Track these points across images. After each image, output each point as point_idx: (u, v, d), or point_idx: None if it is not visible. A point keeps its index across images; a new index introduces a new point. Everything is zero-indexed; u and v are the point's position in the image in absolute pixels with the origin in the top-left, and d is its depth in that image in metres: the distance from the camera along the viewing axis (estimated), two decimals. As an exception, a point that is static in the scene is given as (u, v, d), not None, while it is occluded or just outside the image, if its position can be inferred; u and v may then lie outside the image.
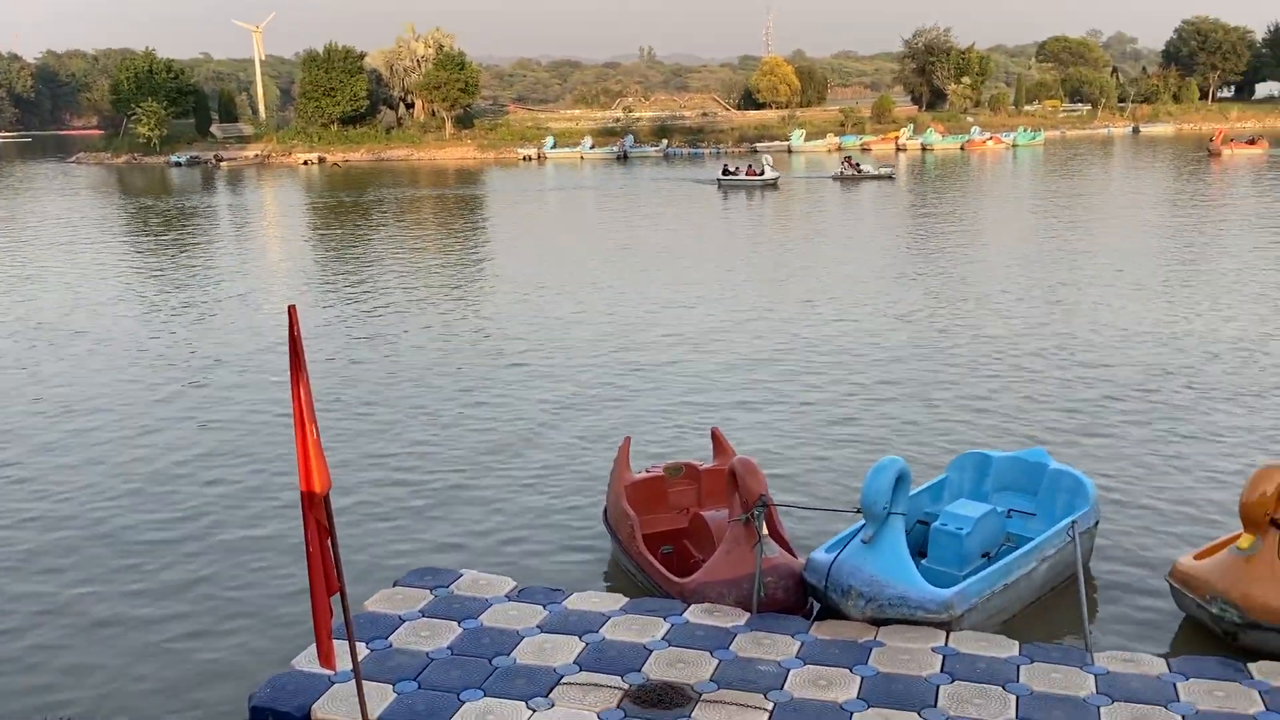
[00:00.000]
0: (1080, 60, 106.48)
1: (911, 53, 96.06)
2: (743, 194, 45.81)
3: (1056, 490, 9.33)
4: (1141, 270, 23.95)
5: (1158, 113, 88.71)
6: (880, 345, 17.48)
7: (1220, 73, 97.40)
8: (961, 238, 30.51)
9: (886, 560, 7.70)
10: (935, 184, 49.08)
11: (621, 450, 9.69)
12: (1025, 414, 13.63)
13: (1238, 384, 14.62)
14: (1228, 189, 42.14)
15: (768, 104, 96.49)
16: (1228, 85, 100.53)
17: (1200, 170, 49.57)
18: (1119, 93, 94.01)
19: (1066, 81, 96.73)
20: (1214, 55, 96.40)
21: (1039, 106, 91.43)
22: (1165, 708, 6.56)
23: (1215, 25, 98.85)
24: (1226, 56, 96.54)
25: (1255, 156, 54.83)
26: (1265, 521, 7.34)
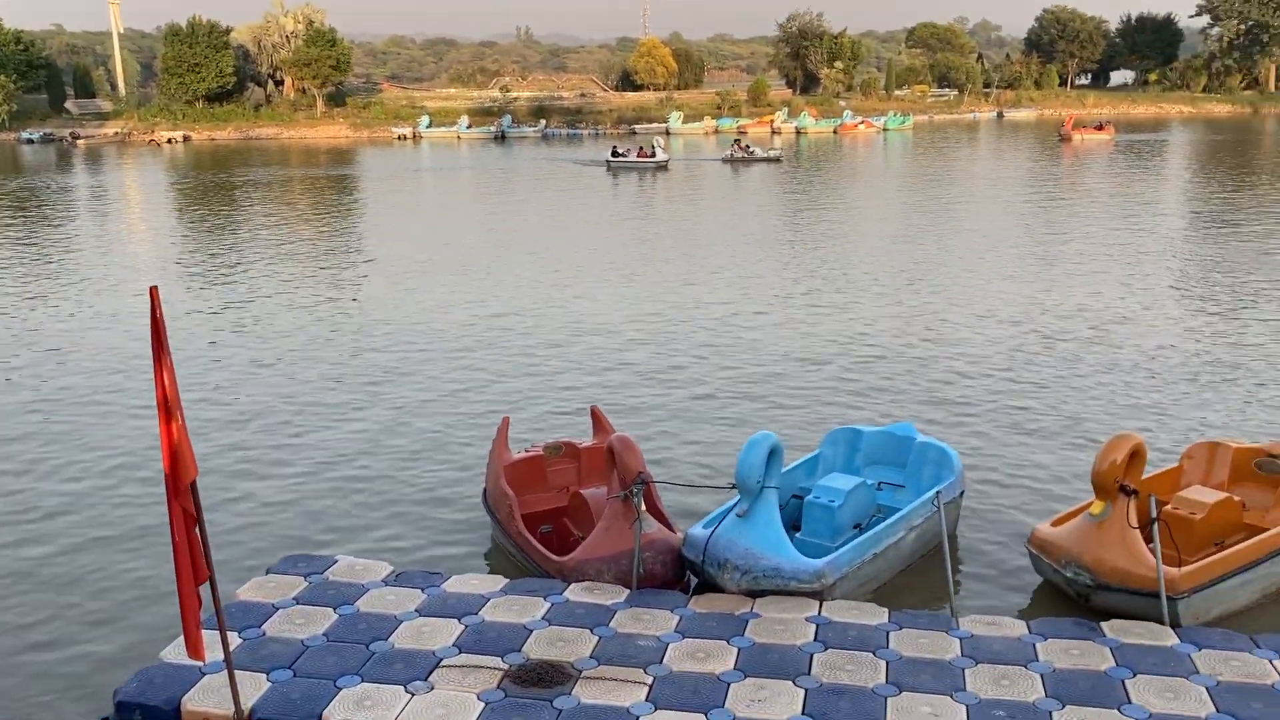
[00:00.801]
0: (948, 47, 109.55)
1: (786, 37, 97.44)
2: (634, 176, 45.69)
3: (924, 463, 9.66)
4: (1003, 250, 24.84)
5: (1020, 98, 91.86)
6: (756, 325, 17.76)
7: (1078, 60, 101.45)
8: (838, 219, 31.16)
9: (760, 533, 7.86)
10: (818, 167, 49.93)
11: (500, 430, 9.66)
12: (895, 390, 14.03)
13: (1094, 359, 15.31)
14: (1080, 172, 43.95)
15: (646, 86, 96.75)
16: (1085, 73, 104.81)
17: (1054, 155, 51.62)
18: (984, 79, 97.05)
19: (935, 67, 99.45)
20: (1072, 44, 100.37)
21: (909, 91, 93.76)
22: (1025, 667, 6.86)
23: (1073, 15, 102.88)
24: (1084, 45, 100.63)
25: (1103, 141, 57.38)
26: (1115, 489, 7.72)
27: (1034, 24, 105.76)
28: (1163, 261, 23.05)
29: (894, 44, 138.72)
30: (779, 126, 74.58)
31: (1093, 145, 55.91)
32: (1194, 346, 15.88)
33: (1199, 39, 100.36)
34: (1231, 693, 6.51)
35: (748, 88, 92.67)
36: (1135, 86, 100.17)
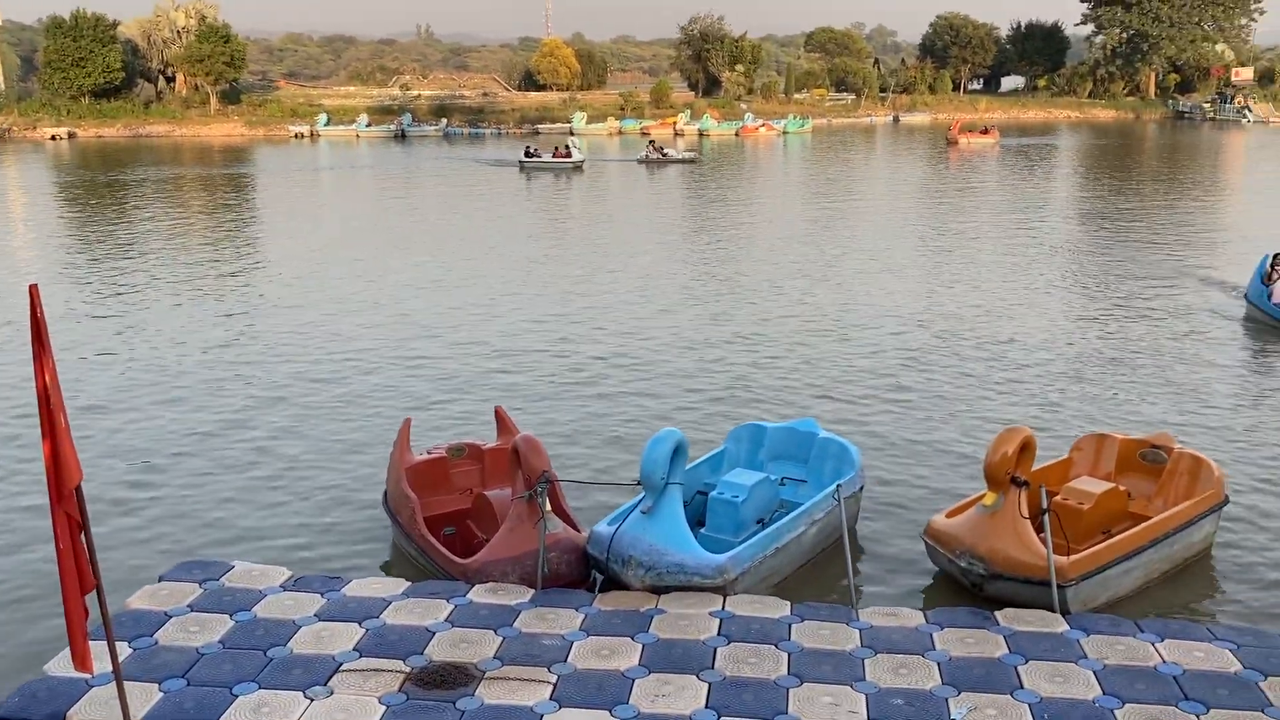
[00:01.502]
0: (845, 51, 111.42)
1: (688, 39, 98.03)
2: (548, 176, 45.32)
3: (825, 457, 9.82)
4: (898, 251, 25.37)
5: (916, 103, 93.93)
6: (661, 324, 17.84)
7: (971, 66, 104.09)
8: (743, 220, 31.45)
9: (665, 529, 7.90)
10: (728, 168, 50.19)
11: (401, 432, 9.53)
12: (798, 386, 14.23)
13: (985, 356, 15.73)
14: (967, 175, 45.10)
15: (548, 86, 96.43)
16: (978, 78, 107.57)
17: (942, 158, 52.96)
18: (881, 83, 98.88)
19: (833, 71, 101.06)
20: (965, 50, 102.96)
21: (808, 95, 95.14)
22: (922, 656, 7.02)
23: (966, 22, 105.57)
24: (976, 51, 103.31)
25: (988, 145, 59.08)
26: (1007, 480, 7.95)
27: (928, 30, 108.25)
28: (1049, 261, 23.80)
29: (793, 48, 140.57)
30: (682, 128, 75.00)
31: (978, 148, 57.53)
32: (1081, 342, 16.43)
33: (1084, 47, 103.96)
34: (1117, 675, 6.75)
35: (650, 89, 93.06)
36: (1025, 92, 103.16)
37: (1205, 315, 18.30)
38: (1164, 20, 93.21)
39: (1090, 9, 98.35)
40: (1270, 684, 6.64)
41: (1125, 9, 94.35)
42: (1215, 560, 9.16)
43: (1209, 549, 9.20)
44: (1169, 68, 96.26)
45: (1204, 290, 20.39)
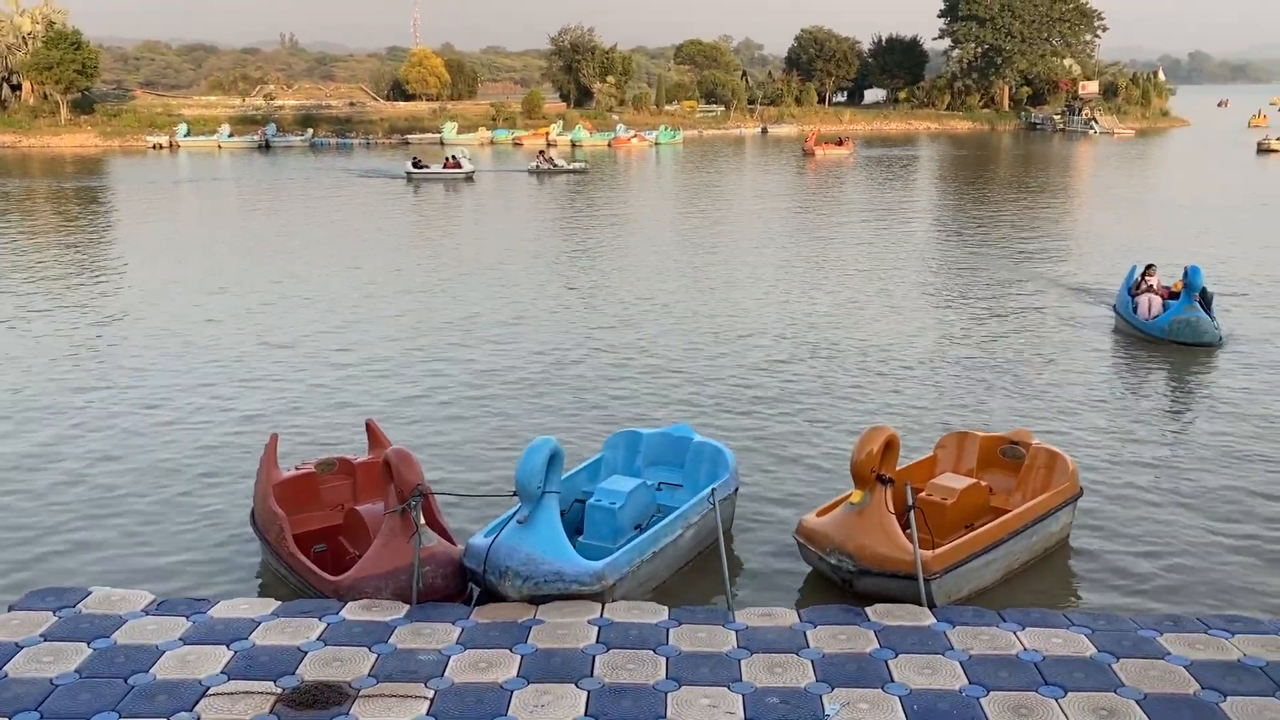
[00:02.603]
0: (714, 64, 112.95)
1: (559, 50, 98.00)
2: (438, 188, 44.55)
3: (700, 461, 9.93)
4: (767, 258, 25.84)
5: (783, 114, 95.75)
6: (537, 333, 17.79)
7: (835, 79, 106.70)
8: (622, 229, 31.55)
9: (541, 538, 7.88)
10: (615, 178, 50.17)
11: (268, 448, 9.27)
12: (674, 392, 14.35)
13: (851, 359, 16.13)
14: (826, 184, 46.19)
15: (418, 96, 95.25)
16: (842, 90, 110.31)
17: (800, 168, 54.18)
18: (749, 95, 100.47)
19: (702, 83, 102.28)
20: (829, 63, 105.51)
21: (678, 107, 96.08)
22: (797, 654, 7.15)
23: (829, 35, 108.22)
24: (840, 64, 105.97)
25: (843, 156, 60.81)
26: (872, 478, 8.18)
27: (793, 43, 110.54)
28: (912, 267, 24.56)
29: (663, 60, 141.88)
30: (554, 139, 74.95)
31: (834, 159, 59.16)
32: (944, 345, 17.00)
33: (942, 60, 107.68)
34: (982, 665, 6.99)
35: (522, 100, 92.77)
36: (887, 104, 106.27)
37: (1062, 319, 19.12)
38: (1016, 36, 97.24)
39: (947, 24, 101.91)
40: (1122, 665, 6.96)
41: (980, 24, 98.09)
42: (1072, 550, 9.58)
43: (1066, 539, 9.61)
44: (1021, 81, 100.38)
45: (1060, 295, 21.31)
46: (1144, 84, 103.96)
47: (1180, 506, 10.47)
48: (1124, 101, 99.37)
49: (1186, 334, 16.13)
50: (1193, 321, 16.12)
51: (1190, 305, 16.23)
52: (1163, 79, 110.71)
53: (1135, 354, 16.22)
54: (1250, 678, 6.79)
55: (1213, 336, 16.18)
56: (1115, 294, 19.78)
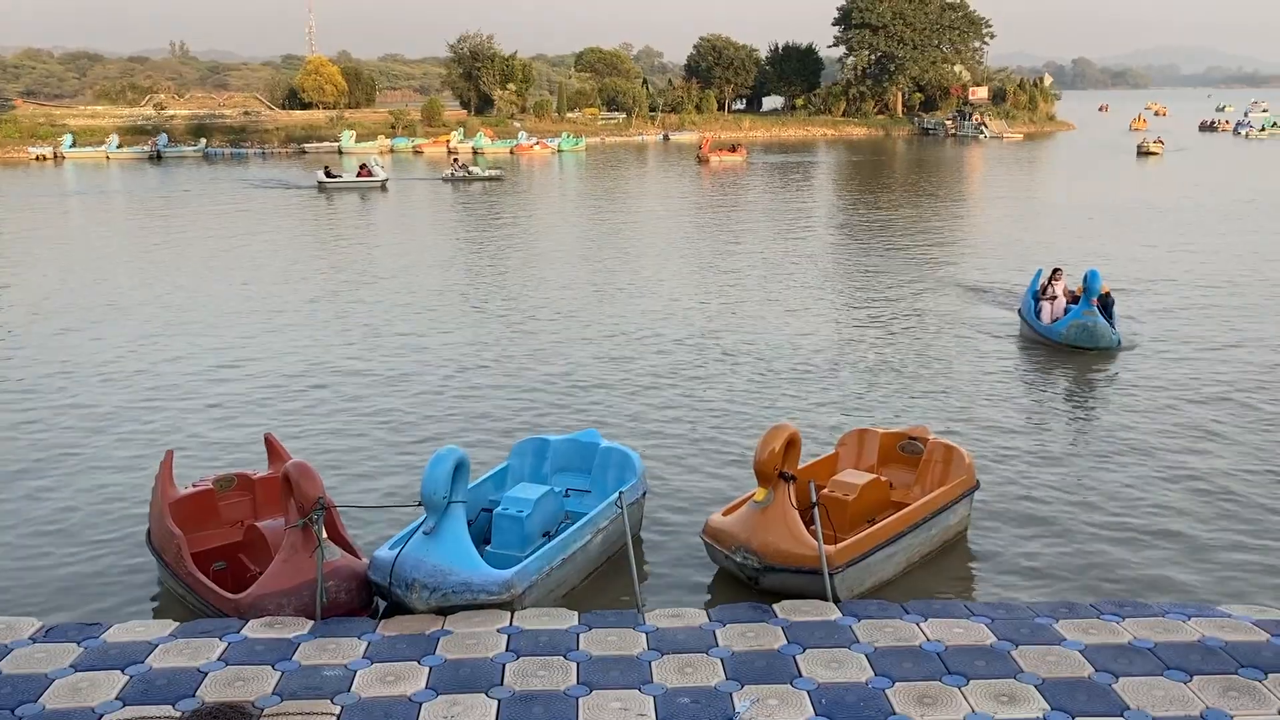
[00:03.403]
0: (614, 71, 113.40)
1: (458, 58, 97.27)
2: (353, 197, 43.59)
3: (608, 466, 9.94)
4: (670, 262, 26.00)
5: (684, 121, 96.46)
6: (440, 342, 17.61)
7: (734, 86, 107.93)
8: (530, 236, 31.38)
9: (448, 549, 7.79)
10: (527, 185, 49.83)
11: (164, 466, 9.01)
12: (581, 398, 14.34)
13: (756, 361, 16.32)
14: (730, 189, 46.65)
15: (314, 104, 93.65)
16: (741, 98, 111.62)
17: (696, 175, 54.62)
18: (650, 102, 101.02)
19: (603, 91, 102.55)
20: (728, 70, 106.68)
21: (580, 114, 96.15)
22: (707, 654, 7.20)
23: (727, 43, 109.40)
24: (738, 72, 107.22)
25: (737, 162, 61.60)
26: (776, 476, 8.28)
27: (693, 51, 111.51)
28: (812, 271, 24.94)
29: (564, 68, 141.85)
30: (455, 147, 74.33)
31: (729, 165, 59.87)
32: (844, 345, 17.30)
33: (838, 68, 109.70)
34: (886, 656, 7.12)
35: (422, 107, 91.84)
36: (785, 111, 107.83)
37: (960, 320, 19.60)
38: (908, 43, 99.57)
39: (841, 32, 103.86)
40: (1021, 652, 7.16)
41: (873, 32, 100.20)
42: (970, 541, 9.83)
43: (964, 531, 9.86)
44: (914, 87, 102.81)
45: (957, 295, 21.84)
46: (1031, 89, 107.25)
47: (1072, 498, 10.82)
48: (1012, 106, 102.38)
49: (1084, 339, 16.17)
50: (1089, 326, 16.13)
51: (1088, 310, 16.20)
52: (1048, 84, 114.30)
53: (1034, 356, 16.57)
54: (1140, 659, 7.04)
55: (1109, 341, 16.24)
56: (1011, 292, 20.37)
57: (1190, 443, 12.38)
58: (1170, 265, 24.71)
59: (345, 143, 73.41)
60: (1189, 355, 16.32)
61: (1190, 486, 11.05)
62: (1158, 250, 27.09)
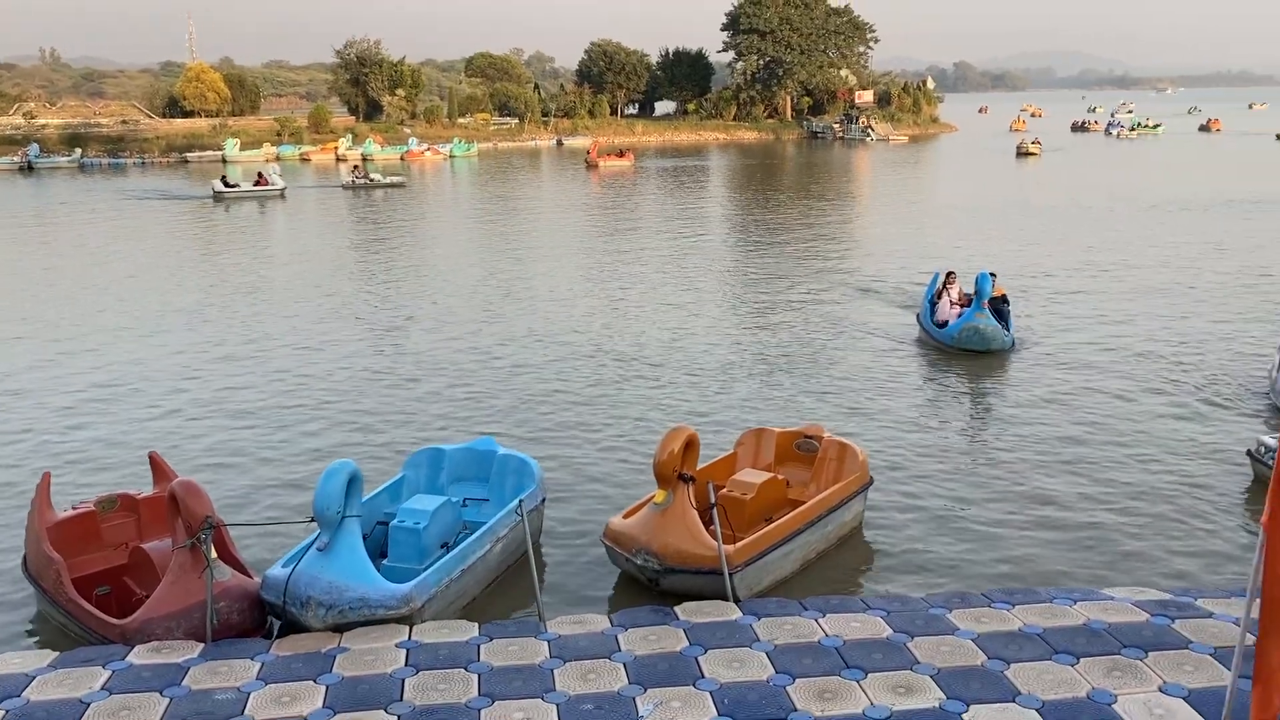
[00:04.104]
0: (505, 76, 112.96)
1: (345, 64, 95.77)
2: (251, 206, 42.35)
3: (506, 474, 9.86)
4: (565, 267, 25.98)
5: (577, 126, 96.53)
6: (330, 354, 17.27)
7: (626, 91, 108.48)
8: (424, 243, 30.99)
9: (344, 564, 7.64)
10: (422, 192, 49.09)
11: (40, 489, 8.64)
12: (478, 406, 14.20)
13: (655, 365, 16.39)
14: (622, 194, 46.88)
15: (196, 112, 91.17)
16: (633, 102, 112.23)
17: (585, 180, 54.70)
18: (542, 107, 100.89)
19: (495, 96, 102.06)
20: (619, 75, 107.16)
21: (471, 120, 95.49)
22: (609, 659, 7.18)
23: (618, 49, 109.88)
24: (630, 77, 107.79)
25: (625, 167, 62.03)
26: (675, 477, 8.32)
27: (584, 56, 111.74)
28: (707, 273, 25.17)
29: (454, 73, 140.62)
30: (344, 153, 73.07)
31: (617, 170, 60.20)
32: (741, 347, 17.48)
33: (728, 73, 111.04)
34: (787, 654, 7.20)
35: (308, 114, 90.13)
36: (677, 116, 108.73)
37: (854, 321, 19.97)
38: (795, 48, 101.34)
39: (730, 37, 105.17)
40: (916, 643, 7.31)
41: (761, 37, 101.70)
42: (865, 537, 10.01)
43: (859, 526, 10.04)
44: (802, 91, 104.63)
45: (849, 296, 22.25)
46: (914, 93, 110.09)
47: (964, 492, 11.10)
48: (897, 109, 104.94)
49: (975, 342, 16.24)
50: (981, 329, 16.19)
51: (980, 313, 16.24)
52: (931, 87, 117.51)
53: (929, 357, 16.79)
54: (1030, 645, 7.25)
55: (1001, 344, 16.31)
56: (902, 291, 20.77)
57: (1074, 438, 12.82)
58: (1056, 263, 25.56)
59: (229, 151, 71.61)
60: (1076, 353, 16.86)
61: (1074, 478, 11.44)
62: (1043, 249, 28.00)
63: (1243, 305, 20.22)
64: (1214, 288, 22.00)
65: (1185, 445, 12.35)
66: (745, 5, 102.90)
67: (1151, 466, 11.68)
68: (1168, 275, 23.66)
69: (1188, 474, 11.44)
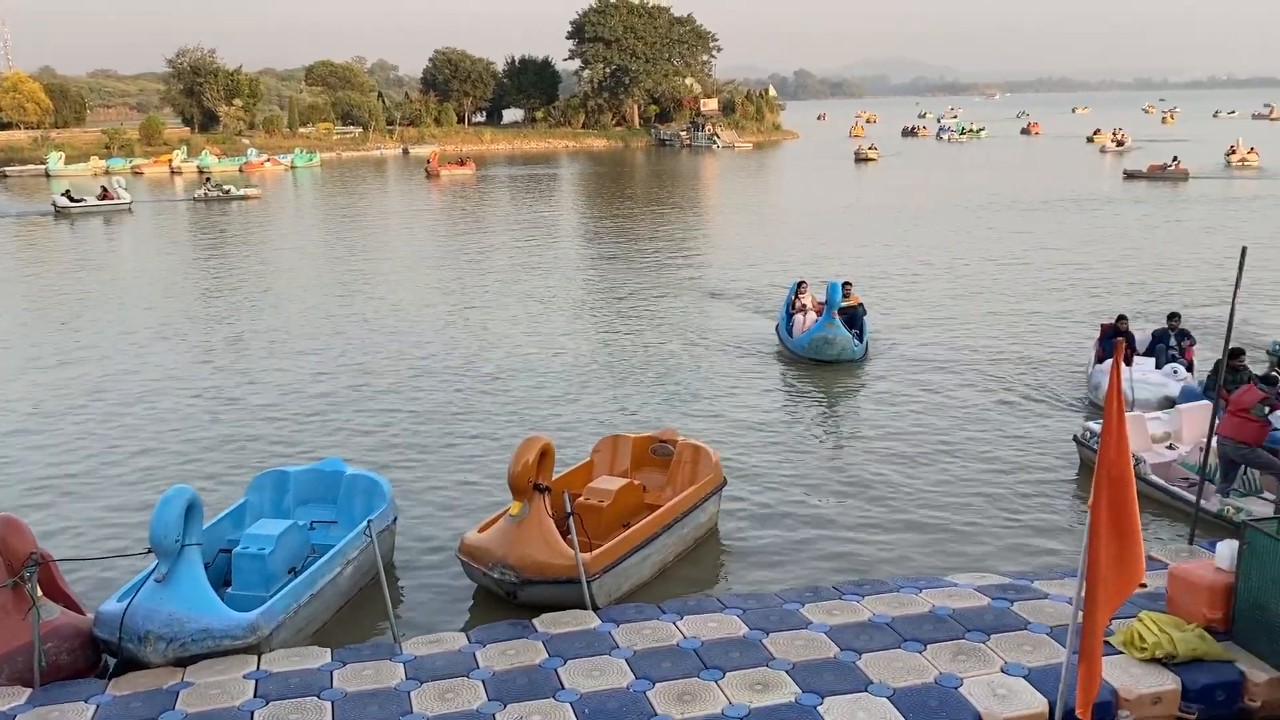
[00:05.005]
0: (348, 85, 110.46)
1: (177, 73, 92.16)
2: (96, 221, 39.91)
3: (355, 494, 9.61)
4: (417, 280, 25.54)
5: (424, 135, 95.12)
6: (168, 376, 16.54)
7: (472, 99, 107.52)
8: (266, 258, 29.98)
9: (184, 595, 7.31)
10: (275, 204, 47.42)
11: None
12: (324, 426, 13.81)
13: (508, 377, 16.25)
14: (468, 204, 46.38)
15: (14, 124, 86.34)
16: (480, 110, 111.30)
17: (426, 190, 54.02)
18: (387, 116, 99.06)
19: (337, 105, 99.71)
20: (465, 83, 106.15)
21: (314, 129, 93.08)
22: (467, 677, 7.07)
23: (464, 56, 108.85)
24: (476, 84, 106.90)
25: (466, 176, 61.64)
26: (530, 488, 8.25)
27: (429, 64, 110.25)
28: (557, 283, 25.12)
29: (294, 82, 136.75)
30: (179, 166, 70.21)
31: (459, 179, 59.74)
32: (594, 355, 17.51)
33: (575, 81, 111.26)
34: (646, 659, 7.22)
35: (140, 126, 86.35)
36: (526, 123, 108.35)
37: (706, 325, 20.24)
38: (641, 56, 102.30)
39: (576, 45, 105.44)
40: (772, 639, 7.43)
41: (606, 45, 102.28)
42: (721, 537, 10.14)
43: (715, 527, 10.16)
44: (649, 99, 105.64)
45: (703, 302, 22.54)
46: (757, 100, 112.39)
47: (815, 490, 11.36)
48: (741, 117, 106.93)
49: (825, 352, 16.25)
50: (830, 339, 16.21)
51: (830, 323, 16.26)
52: (773, 95, 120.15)
53: (783, 362, 16.92)
54: (880, 634, 7.45)
55: (850, 354, 16.34)
56: (755, 295, 21.05)
57: (918, 436, 13.27)
58: (898, 266, 26.44)
59: (53, 165, 67.91)
60: (917, 354, 17.41)
61: (918, 473, 11.85)
62: (885, 252, 28.93)
63: (1065, 299, 21.33)
64: (1039, 284, 23.13)
65: (1018, 437, 12.93)
66: (590, 14, 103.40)
67: (989, 458, 12.19)
68: (998, 274, 24.77)
69: (1022, 463, 11.98)
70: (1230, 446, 9.86)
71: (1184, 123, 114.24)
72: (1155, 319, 17.31)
